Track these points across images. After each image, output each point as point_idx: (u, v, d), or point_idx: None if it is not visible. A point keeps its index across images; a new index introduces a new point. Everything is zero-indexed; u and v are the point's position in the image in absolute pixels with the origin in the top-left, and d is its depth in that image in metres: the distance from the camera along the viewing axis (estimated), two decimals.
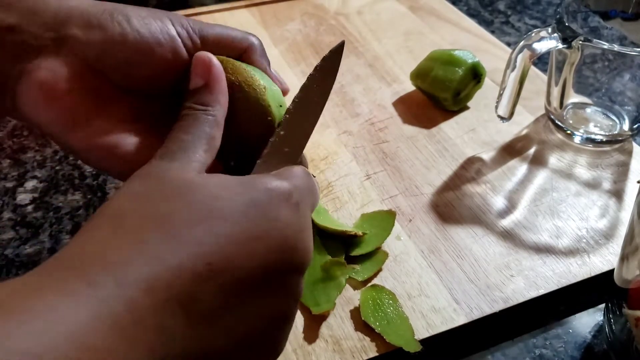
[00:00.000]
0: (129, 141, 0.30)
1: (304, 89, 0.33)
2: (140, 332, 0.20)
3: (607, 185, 0.48)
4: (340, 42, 0.35)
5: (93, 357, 0.18)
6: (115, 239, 0.22)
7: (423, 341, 0.36)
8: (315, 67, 0.34)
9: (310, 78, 0.34)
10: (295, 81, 0.59)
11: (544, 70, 0.59)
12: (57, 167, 0.52)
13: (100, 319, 0.19)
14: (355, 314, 0.37)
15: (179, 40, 0.31)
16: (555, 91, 0.52)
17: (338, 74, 0.35)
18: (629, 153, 0.52)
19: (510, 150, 0.52)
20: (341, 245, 0.41)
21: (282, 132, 0.32)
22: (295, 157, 0.32)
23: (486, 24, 0.75)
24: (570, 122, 0.53)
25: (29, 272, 0.21)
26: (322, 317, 0.37)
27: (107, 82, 0.30)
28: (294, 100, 0.33)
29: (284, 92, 0.35)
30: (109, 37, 0.29)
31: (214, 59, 0.31)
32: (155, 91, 0.32)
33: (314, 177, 0.31)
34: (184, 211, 0.23)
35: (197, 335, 0.22)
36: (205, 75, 0.30)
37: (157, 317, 0.20)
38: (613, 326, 0.36)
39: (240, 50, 0.34)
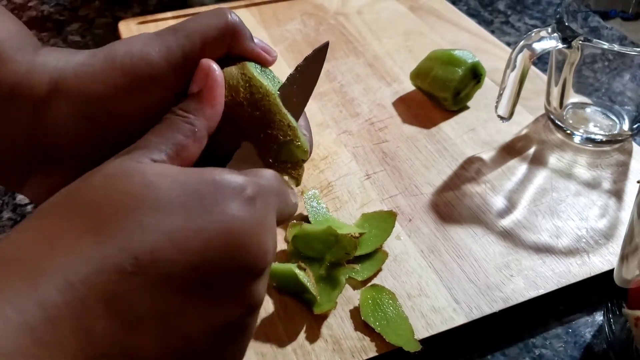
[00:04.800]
0: None
1: (282, 88, 0.32)
2: (58, 336, 0.18)
3: (607, 185, 0.48)
4: (325, 43, 0.33)
5: None
6: (35, 238, 0.20)
7: (423, 341, 0.36)
8: (297, 67, 0.32)
9: (290, 78, 0.32)
10: None
11: (544, 70, 0.59)
12: None
13: (12, 324, 0.17)
14: (355, 313, 0.37)
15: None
16: (555, 91, 0.52)
17: (338, 74, 0.35)
18: (629, 153, 0.52)
19: (510, 150, 0.52)
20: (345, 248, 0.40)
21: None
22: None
23: (486, 23, 0.75)
24: (570, 122, 0.53)
25: None
26: (323, 317, 0.37)
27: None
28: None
29: (270, 63, 0.33)
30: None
31: (214, 67, 0.28)
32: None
33: (292, 189, 0.29)
34: (112, 200, 0.21)
35: (124, 342, 0.19)
36: (200, 83, 0.28)
37: (77, 318, 0.18)
38: (613, 326, 0.36)
39: (228, 39, 0.31)
